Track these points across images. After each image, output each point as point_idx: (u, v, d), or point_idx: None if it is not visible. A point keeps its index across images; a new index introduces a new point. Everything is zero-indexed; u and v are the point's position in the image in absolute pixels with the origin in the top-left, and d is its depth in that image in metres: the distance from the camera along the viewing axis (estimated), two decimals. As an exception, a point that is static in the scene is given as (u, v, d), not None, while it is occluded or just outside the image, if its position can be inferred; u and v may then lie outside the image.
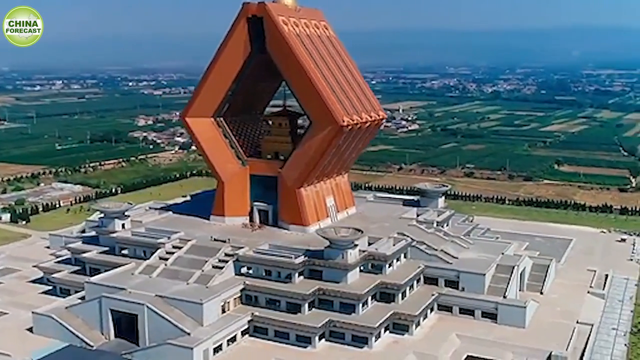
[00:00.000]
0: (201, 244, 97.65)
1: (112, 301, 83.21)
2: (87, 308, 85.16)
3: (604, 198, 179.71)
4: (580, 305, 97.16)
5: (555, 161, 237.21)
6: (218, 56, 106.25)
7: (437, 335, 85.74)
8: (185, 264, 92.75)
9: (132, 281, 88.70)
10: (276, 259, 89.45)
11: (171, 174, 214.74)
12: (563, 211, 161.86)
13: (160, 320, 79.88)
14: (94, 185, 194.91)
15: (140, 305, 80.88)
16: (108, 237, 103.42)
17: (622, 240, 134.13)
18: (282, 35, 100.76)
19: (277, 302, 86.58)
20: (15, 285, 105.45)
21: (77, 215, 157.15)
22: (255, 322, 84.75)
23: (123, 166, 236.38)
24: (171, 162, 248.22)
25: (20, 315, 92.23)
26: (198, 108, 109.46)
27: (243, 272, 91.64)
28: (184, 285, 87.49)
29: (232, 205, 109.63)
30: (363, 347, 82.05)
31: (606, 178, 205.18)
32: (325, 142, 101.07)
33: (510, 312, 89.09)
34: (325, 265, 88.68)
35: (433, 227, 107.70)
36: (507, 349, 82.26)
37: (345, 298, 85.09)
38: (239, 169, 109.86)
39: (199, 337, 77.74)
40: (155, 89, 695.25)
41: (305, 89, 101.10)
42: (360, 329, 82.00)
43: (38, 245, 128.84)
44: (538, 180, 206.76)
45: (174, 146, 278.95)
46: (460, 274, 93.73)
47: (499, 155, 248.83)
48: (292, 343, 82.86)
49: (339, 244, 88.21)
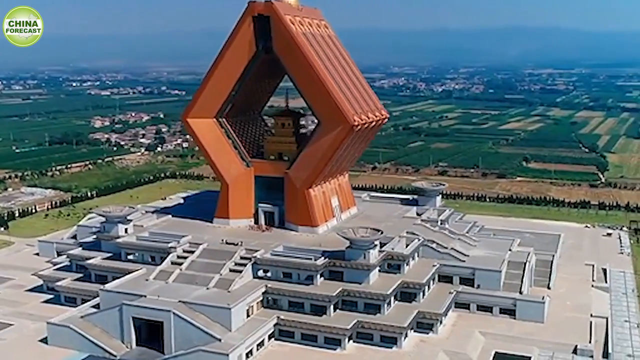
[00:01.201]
0: (213, 247, 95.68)
1: (134, 309, 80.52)
2: (107, 316, 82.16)
3: (577, 194, 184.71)
4: (589, 299, 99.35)
5: (523, 158, 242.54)
6: (222, 55, 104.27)
7: (461, 333, 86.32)
8: (200, 268, 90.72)
9: (149, 287, 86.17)
10: (297, 261, 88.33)
11: (142, 176, 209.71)
12: (544, 207, 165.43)
13: (187, 326, 77.77)
14: (66, 189, 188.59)
15: (167, 312, 78.52)
16: (111, 243, 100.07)
17: (608, 234, 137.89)
18: (291, 35, 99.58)
19: (300, 305, 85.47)
20: (13, 294, 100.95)
21: (56, 220, 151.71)
22: (281, 326, 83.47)
23: (90, 169, 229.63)
24: (139, 164, 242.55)
25: (27, 326, 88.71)
26: (200, 108, 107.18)
27: (260, 275, 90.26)
28: (204, 290, 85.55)
29: (237, 207, 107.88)
30: (392, 347, 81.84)
31: (576, 174, 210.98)
32: (336, 142, 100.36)
33: (529, 308, 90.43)
34: (347, 266, 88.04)
35: (438, 225, 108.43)
36: (532, 344, 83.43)
37: (370, 298, 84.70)
38: (244, 170, 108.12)
39: (232, 343, 76.00)
40: (101, 89, 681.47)
41: (314, 88, 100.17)
42: (389, 328, 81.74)
43: (26, 253, 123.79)
44: (511, 177, 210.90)
45: (140, 148, 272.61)
46: (476, 271, 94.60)
47: (468, 153, 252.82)
48: (320, 345, 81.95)
49: (360, 245, 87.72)
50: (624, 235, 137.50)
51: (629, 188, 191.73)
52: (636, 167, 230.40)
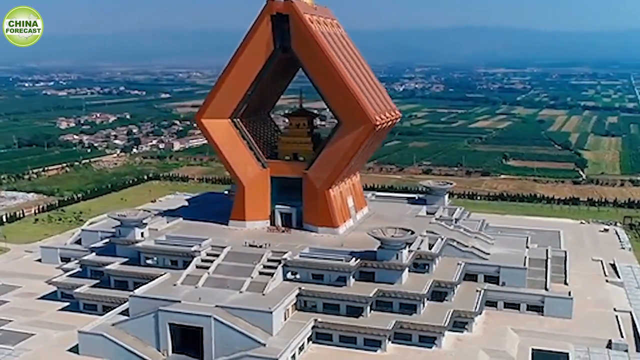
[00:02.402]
0: (238, 250, 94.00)
1: (171, 315, 78.29)
2: (141, 323, 79.61)
3: (562, 191, 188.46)
4: (607, 294, 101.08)
5: (502, 156, 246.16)
6: (238, 55, 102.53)
7: (494, 331, 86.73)
8: (228, 271, 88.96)
9: (180, 292, 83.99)
10: (330, 262, 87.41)
11: (124, 178, 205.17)
12: (537, 204, 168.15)
13: (228, 331, 76.04)
14: (48, 192, 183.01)
15: (207, 317, 76.58)
16: (129, 247, 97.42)
17: (605, 230, 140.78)
18: (311, 34, 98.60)
19: (336, 307, 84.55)
20: (26, 303, 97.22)
21: (48, 225, 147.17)
22: (319, 328, 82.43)
23: (67, 172, 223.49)
24: (117, 166, 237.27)
25: (50, 335, 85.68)
26: (215, 109, 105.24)
27: (289, 278, 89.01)
28: (238, 294, 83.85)
29: (253, 209, 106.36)
30: (432, 347, 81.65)
31: (558, 172, 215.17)
32: (358, 142, 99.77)
33: (558, 304, 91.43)
34: (379, 267, 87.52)
35: (453, 224, 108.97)
36: (565, 340, 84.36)
37: (406, 298, 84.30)
38: (260, 171, 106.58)
39: (278, 347, 74.61)
40: (57, 89, 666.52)
41: (335, 88, 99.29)
42: (429, 328, 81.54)
43: (26, 259, 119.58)
44: (495, 175, 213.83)
45: (114, 149, 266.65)
46: (501, 269, 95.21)
47: (447, 152, 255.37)
48: (359, 347, 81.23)
49: (393, 245, 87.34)
50: (620, 230, 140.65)
51: (610, 184, 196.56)
52: (612, 163, 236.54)
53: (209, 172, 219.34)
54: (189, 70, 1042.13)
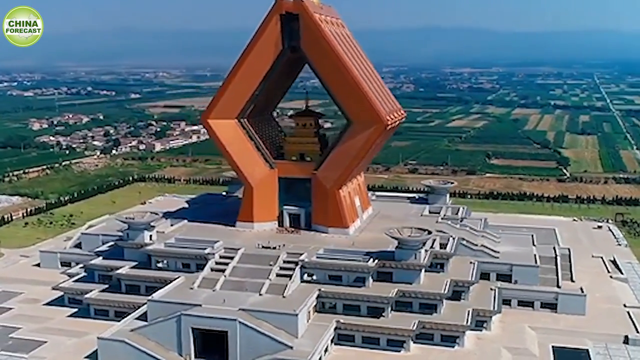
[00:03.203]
0: (251, 252, 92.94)
1: (194, 319, 76.89)
2: (162, 328, 77.99)
3: (548, 188, 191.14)
4: (614, 290, 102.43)
5: (485, 155, 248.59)
6: (246, 54, 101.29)
7: (512, 329, 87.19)
8: (244, 274, 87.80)
9: (199, 296, 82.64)
10: (349, 263, 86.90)
11: (108, 180, 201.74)
12: (529, 202, 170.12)
13: (254, 335, 74.96)
14: (32, 195, 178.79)
15: (232, 321, 75.41)
16: (137, 251, 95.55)
17: (598, 227, 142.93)
18: (322, 34, 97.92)
19: (356, 308, 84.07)
20: (32, 310, 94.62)
21: (39, 229, 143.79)
22: (341, 330, 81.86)
23: (48, 174, 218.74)
24: (98, 167, 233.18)
25: (62, 342, 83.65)
26: (222, 109, 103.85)
27: (306, 279, 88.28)
28: (257, 296, 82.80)
29: (261, 210, 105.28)
30: (454, 346, 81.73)
31: (542, 170, 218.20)
32: (369, 142, 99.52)
33: (571, 301, 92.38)
34: (397, 267, 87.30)
35: (459, 223, 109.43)
36: (582, 336, 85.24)
37: (427, 298, 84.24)
38: (268, 172, 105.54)
39: (306, 350, 73.82)
40: (22, 90, 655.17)
41: (346, 88, 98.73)
42: (451, 327, 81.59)
43: (23, 264, 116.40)
44: (480, 173, 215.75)
45: (93, 150, 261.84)
46: (513, 267, 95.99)
47: (430, 151, 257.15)
48: (382, 348, 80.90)
49: (411, 245, 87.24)
50: (613, 227, 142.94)
51: (594, 182, 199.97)
52: (593, 162, 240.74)
53: (194, 173, 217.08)
54: (155, 70, 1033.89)
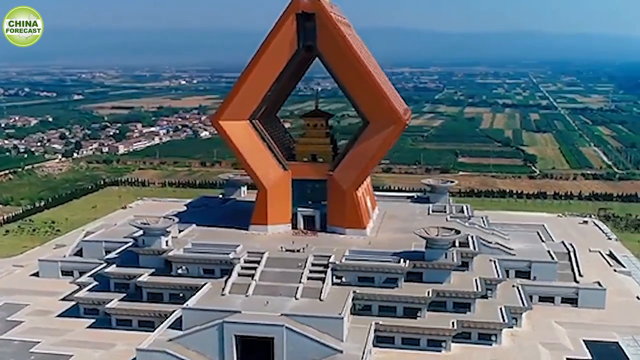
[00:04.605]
0: (276, 255, 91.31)
1: (238, 326, 74.80)
2: (203, 337, 75.45)
3: (521, 185, 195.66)
4: (621, 283, 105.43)
5: (454, 154, 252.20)
6: (261, 54, 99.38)
7: (541, 325, 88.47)
8: (274, 278, 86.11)
9: (233, 302, 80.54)
10: (382, 264, 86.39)
11: (78, 185, 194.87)
12: (511, 199, 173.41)
13: (301, 340, 73.53)
14: (3, 202, 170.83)
15: (278, 326, 73.75)
16: (154, 257, 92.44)
17: (584, 222, 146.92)
18: (340, 33, 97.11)
19: (392, 309, 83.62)
20: (45, 322, 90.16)
21: (21, 236, 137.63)
22: (380, 332, 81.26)
23: (11, 179, 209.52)
24: (62, 171, 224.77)
25: (90, 355, 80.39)
26: (234, 110, 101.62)
27: (335, 281, 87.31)
28: (294, 300, 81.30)
29: (275, 212, 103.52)
30: (491, 344, 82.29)
31: (513, 167, 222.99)
32: (388, 142, 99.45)
33: (591, 296, 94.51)
34: (428, 267, 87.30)
35: (468, 221, 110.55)
36: (609, 329, 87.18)
37: (460, 297, 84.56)
38: (282, 173, 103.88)
39: (354, 353, 72.92)
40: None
41: (364, 88, 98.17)
42: (489, 325, 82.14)
43: (19, 274, 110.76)
44: (454, 172, 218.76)
45: (54, 154, 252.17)
46: (532, 264, 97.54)
47: (399, 150, 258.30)
48: (422, 348, 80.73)
49: (442, 245, 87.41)
50: (598, 222, 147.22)
51: (564, 178, 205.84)
52: (557, 159, 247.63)
53: (165, 176, 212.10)
54: (90, 70, 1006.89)
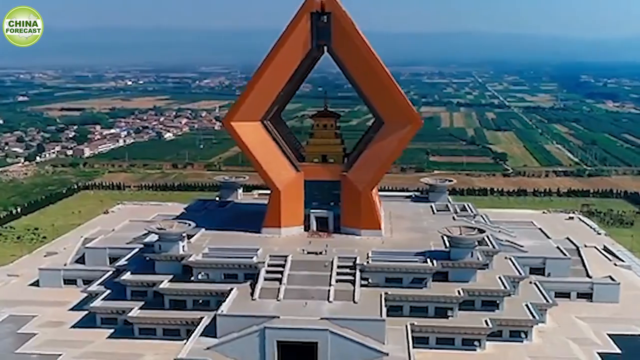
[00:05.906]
0: (299, 258, 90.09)
1: (279, 332, 73.37)
2: (243, 344, 73.79)
3: (497, 183, 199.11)
4: (625, 277, 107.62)
5: (425, 153, 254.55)
6: (274, 54, 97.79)
7: (563, 321, 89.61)
8: (302, 281, 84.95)
9: (267, 307, 79.02)
10: (410, 265, 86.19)
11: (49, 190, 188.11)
12: (495, 197, 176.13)
13: (345, 344, 72.82)
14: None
15: (322, 331, 72.61)
16: (173, 263, 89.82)
17: (570, 218, 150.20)
18: (357, 33, 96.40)
19: (424, 309, 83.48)
20: (60, 334, 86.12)
21: (6, 244, 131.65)
22: (415, 332, 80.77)
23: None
24: (28, 176, 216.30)
25: (119, 367, 76.87)
26: (246, 111, 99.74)
27: (362, 283, 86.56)
28: (328, 303, 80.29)
29: (288, 214, 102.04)
30: (522, 341, 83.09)
31: (487, 165, 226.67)
32: (403, 142, 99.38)
33: (607, 290, 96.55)
34: (454, 266, 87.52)
35: (473, 219, 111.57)
36: (629, 322, 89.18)
37: (490, 296, 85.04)
38: (295, 175, 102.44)
39: (400, 355, 72.53)
40: None
41: (380, 88, 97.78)
42: (521, 323, 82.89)
43: (16, 284, 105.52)
44: (429, 170, 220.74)
45: (15, 158, 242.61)
46: (547, 260, 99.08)
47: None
48: (457, 348, 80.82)
49: (468, 244, 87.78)
50: (583, 217, 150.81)
51: (536, 176, 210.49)
52: (525, 156, 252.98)
53: (138, 179, 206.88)
54: (28, 70, 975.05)
